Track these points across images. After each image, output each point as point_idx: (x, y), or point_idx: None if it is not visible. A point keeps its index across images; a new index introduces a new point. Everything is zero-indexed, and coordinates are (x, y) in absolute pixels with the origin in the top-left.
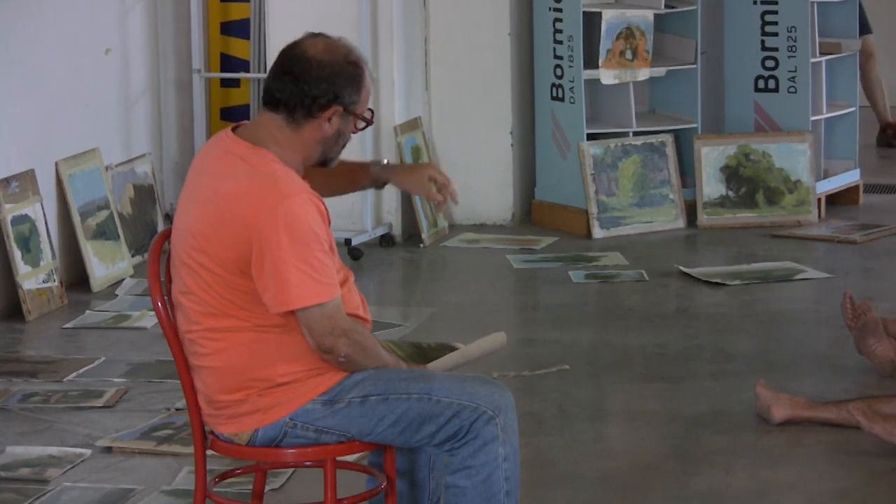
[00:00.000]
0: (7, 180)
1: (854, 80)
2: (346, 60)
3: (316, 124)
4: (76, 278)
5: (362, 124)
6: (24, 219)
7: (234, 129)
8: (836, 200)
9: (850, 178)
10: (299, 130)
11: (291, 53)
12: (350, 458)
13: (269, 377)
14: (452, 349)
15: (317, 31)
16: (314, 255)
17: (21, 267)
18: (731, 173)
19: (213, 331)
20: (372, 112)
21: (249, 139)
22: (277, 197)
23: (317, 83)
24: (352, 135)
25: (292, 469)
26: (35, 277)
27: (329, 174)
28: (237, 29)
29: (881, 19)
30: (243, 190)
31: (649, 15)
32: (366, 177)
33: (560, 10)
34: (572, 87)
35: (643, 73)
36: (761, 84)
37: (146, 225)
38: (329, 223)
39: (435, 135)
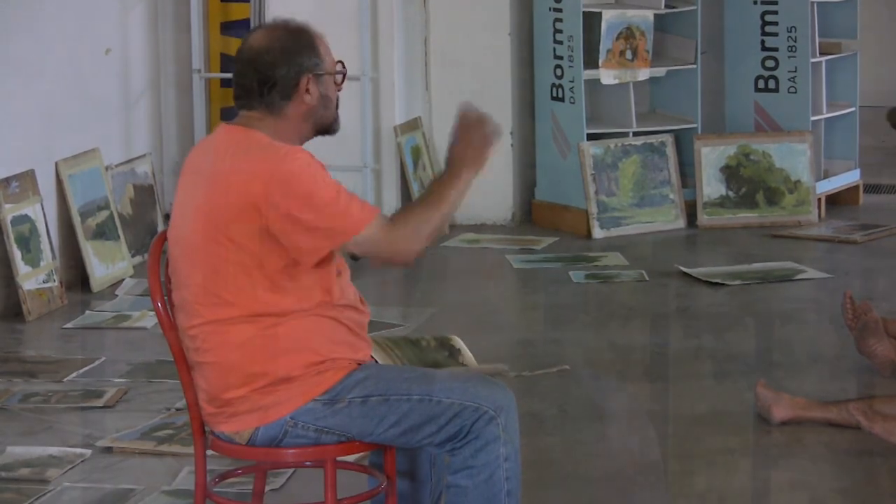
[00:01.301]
0: (7, 180)
1: (854, 79)
2: (287, 32)
3: (297, 101)
4: (76, 278)
5: (339, 77)
6: (24, 219)
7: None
8: (837, 200)
9: (850, 178)
10: (284, 115)
11: (240, 56)
12: (350, 458)
13: (272, 371)
14: (451, 344)
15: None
16: (340, 187)
17: (21, 267)
18: (732, 173)
19: (214, 323)
20: (342, 63)
21: (243, 125)
22: (284, 153)
23: (275, 67)
24: (338, 93)
25: (292, 469)
26: (35, 277)
27: None
28: (237, 29)
29: (881, 18)
30: (252, 158)
31: (649, 15)
32: None
33: (560, 10)
34: (572, 87)
35: (643, 73)
36: (761, 84)
37: (146, 225)
38: None
39: (435, 135)
